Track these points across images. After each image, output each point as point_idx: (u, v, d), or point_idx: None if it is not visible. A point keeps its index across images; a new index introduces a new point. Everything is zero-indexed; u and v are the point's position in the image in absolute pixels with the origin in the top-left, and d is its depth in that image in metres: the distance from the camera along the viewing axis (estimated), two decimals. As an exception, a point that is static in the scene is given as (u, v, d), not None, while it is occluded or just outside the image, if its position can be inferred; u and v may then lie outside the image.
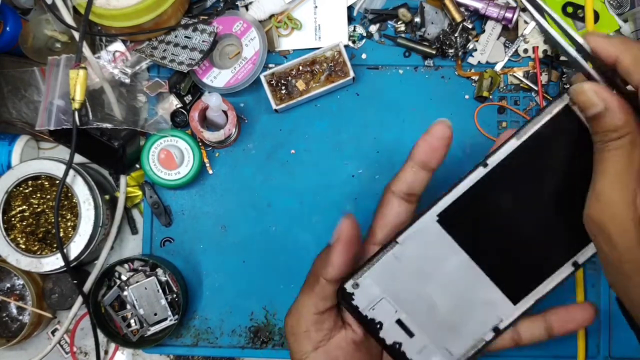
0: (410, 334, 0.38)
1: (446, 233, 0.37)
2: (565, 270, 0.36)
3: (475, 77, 0.67)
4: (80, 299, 0.63)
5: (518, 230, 0.36)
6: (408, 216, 0.39)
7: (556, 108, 0.35)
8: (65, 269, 0.61)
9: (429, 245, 0.37)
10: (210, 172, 0.68)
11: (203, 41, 0.63)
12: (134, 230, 0.69)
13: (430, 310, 0.37)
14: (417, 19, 0.66)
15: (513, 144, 0.35)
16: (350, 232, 0.37)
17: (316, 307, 0.38)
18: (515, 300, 0.37)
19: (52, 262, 0.62)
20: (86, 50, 0.62)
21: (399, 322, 0.38)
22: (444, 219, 0.36)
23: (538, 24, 0.35)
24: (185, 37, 0.64)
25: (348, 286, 0.38)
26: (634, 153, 0.32)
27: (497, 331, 0.38)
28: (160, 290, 0.65)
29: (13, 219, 0.63)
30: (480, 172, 0.36)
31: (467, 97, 0.67)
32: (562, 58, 0.65)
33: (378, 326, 0.38)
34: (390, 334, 0.38)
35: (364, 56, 0.68)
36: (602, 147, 0.33)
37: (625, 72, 0.33)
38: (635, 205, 0.32)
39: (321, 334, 0.39)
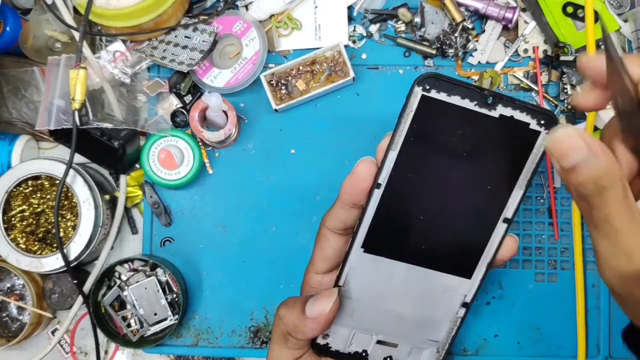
0: (394, 345, 0.40)
1: (377, 257, 0.38)
2: (500, 229, 0.37)
3: (476, 77, 0.67)
4: (80, 299, 0.63)
5: (439, 221, 0.37)
6: (346, 246, 0.39)
7: (414, 104, 0.35)
8: (65, 269, 0.62)
9: (369, 273, 0.38)
10: (210, 172, 0.68)
11: (203, 41, 0.63)
12: (134, 230, 0.69)
13: (400, 321, 0.39)
14: (417, 19, 0.66)
15: (392, 156, 0.36)
16: (332, 315, 0.37)
17: (293, 356, 0.39)
18: (468, 275, 0.38)
19: (52, 262, 0.62)
20: (86, 50, 0.62)
21: (380, 342, 0.40)
22: (369, 247, 0.37)
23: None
24: (185, 37, 0.64)
25: (320, 340, 0.39)
26: (628, 199, 0.30)
27: (466, 305, 0.39)
28: (160, 290, 0.65)
29: (13, 219, 0.63)
30: (378, 194, 0.36)
31: (467, 97, 0.67)
32: (563, 58, 0.65)
33: (364, 354, 0.40)
34: (377, 354, 0.40)
35: (364, 56, 0.68)
36: (593, 203, 0.30)
37: None
38: None
39: None
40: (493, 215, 0.37)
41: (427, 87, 0.35)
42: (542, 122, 0.34)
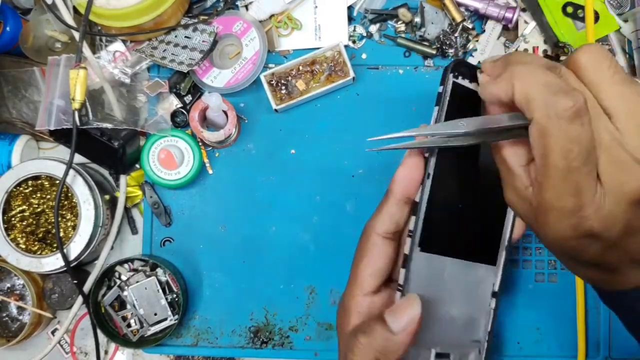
0: (447, 356, 0.39)
1: (432, 254, 0.37)
2: (512, 211, 0.39)
3: (475, 77, 0.67)
4: (80, 299, 0.63)
5: (473, 208, 0.38)
6: (395, 254, 0.38)
7: (448, 92, 0.36)
8: (65, 269, 0.62)
9: (426, 274, 0.37)
10: (210, 172, 0.68)
11: (203, 41, 0.63)
12: (134, 230, 0.69)
13: (451, 325, 0.38)
14: (417, 19, 0.66)
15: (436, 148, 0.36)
16: (421, 321, 0.35)
17: None
18: (493, 262, 0.39)
19: (52, 262, 0.62)
20: (86, 50, 0.62)
21: (437, 355, 0.38)
22: (425, 245, 0.36)
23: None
24: (185, 37, 0.64)
25: None
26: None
27: (495, 295, 0.39)
28: (160, 290, 0.65)
29: (13, 219, 0.63)
30: (428, 184, 0.36)
31: (467, 97, 0.67)
32: (563, 58, 0.65)
33: None
34: None
35: (364, 56, 0.68)
36: None
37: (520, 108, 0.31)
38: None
39: None
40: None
41: (457, 74, 0.36)
42: None
